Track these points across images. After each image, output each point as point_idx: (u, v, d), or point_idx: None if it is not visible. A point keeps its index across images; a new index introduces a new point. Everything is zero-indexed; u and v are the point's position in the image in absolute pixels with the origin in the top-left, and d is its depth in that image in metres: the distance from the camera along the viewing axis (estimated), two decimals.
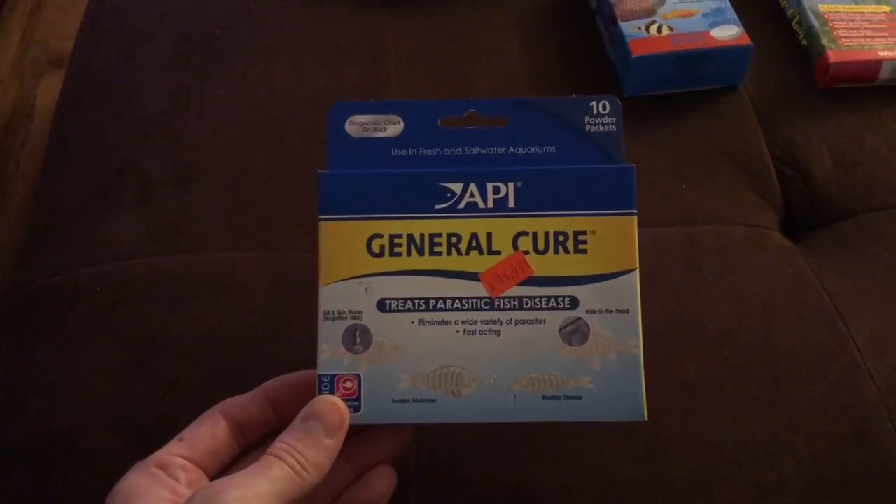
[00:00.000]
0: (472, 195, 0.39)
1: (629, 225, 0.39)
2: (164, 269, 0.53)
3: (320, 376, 0.38)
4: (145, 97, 0.63)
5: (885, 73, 0.63)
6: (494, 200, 0.39)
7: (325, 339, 0.39)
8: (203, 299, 0.51)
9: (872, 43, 0.63)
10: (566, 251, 0.39)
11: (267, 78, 0.64)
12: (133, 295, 0.52)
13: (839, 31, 0.64)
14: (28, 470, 0.46)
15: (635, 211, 0.39)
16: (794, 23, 0.67)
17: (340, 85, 0.64)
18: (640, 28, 0.63)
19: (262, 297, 0.52)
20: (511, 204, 0.39)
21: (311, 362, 0.48)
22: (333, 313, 0.39)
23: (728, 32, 0.62)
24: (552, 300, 0.38)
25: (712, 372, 0.48)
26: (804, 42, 0.66)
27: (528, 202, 0.39)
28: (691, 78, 0.63)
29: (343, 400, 0.38)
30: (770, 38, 0.67)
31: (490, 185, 0.39)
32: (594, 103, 0.40)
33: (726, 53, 0.62)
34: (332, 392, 0.38)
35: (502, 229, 0.39)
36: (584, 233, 0.39)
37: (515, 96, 0.62)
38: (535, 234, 0.39)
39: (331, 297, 0.39)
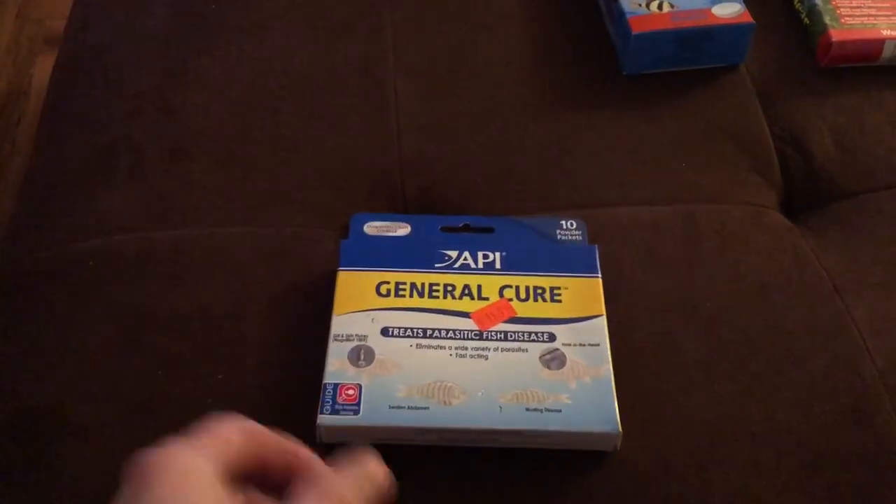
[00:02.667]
0: (465, 259, 0.49)
1: (596, 284, 0.48)
2: (157, 244, 0.53)
3: (325, 384, 0.44)
4: (138, 71, 0.63)
5: (887, 53, 0.62)
6: (484, 263, 0.49)
7: (333, 355, 0.45)
8: (195, 274, 0.51)
9: (875, 22, 0.63)
10: (544, 300, 0.47)
11: (262, 52, 0.63)
12: (125, 270, 0.51)
13: (842, 10, 0.63)
14: (19, 444, 0.45)
15: (599, 275, 0.49)
16: (796, 1, 0.67)
17: (336, 61, 0.63)
18: (640, 4, 0.62)
19: (256, 272, 0.51)
20: (498, 266, 0.49)
21: (303, 338, 0.48)
22: (342, 336, 0.46)
23: (729, 10, 0.62)
24: (533, 335, 0.46)
25: (709, 350, 0.48)
26: (806, 20, 0.65)
27: (512, 265, 0.49)
28: (692, 56, 0.62)
29: (344, 405, 0.43)
30: (772, 16, 0.66)
31: (480, 253, 0.50)
32: (564, 222, 0.52)
33: (727, 31, 0.61)
34: (334, 397, 0.43)
35: (490, 282, 0.48)
36: (559, 288, 0.48)
37: (513, 83, 0.62)
38: (517, 287, 0.48)
39: (341, 323, 0.46)
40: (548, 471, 0.44)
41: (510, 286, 0.48)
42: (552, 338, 0.46)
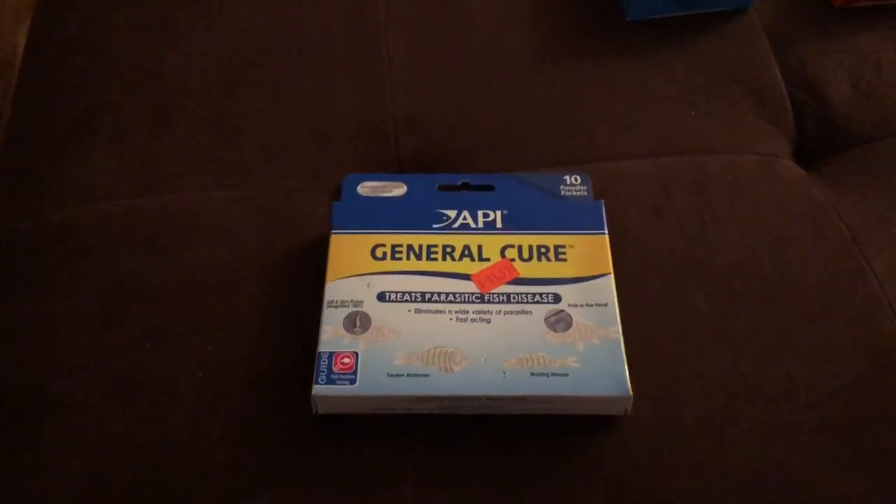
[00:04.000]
0: (465, 218, 0.47)
1: (602, 241, 0.46)
2: (140, 211, 0.50)
3: (320, 353, 0.42)
4: (115, 32, 0.60)
5: None
6: (484, 222, 0.47)
7: (327, 322, 0.43)
8: (181, 241, 0.49)
9: None
10: (548, 259, 0.45)
11: (245, 7, 0.60)
12: (108, 238, 0.49)
13: None
14: (1, 421, 0.43)
15: (606, 232, 0.46)
16: None
17: (324, 12, 0.60)
18: None
19: (244, 237, 0.49)
20: (499, 225, 0.47)
21: (296, 305, 0.46)
22: (336, 302, 0.43)
23: None
24: (537, 296, 0.44)
25: (723, 307, 0.46)
26: None
27: (514, 224, 0.47)
28: None
29: (340, 374, 0.41)
30: None
31: (480, 212, 0.47)
32: (567, 177, 0.49)
33: None
34: (330, 366, 0.41)
35: (491, 242, 0.46)
36: (563, 247, 0.46)
37: (511, 32, 0.59)
38: (520, 247, 0.46)
39: (335, 289, 0.44)
40: (555, 437, 0.42)
41: (512, 246, 0.46)
42: (557, 298, 0.44)
